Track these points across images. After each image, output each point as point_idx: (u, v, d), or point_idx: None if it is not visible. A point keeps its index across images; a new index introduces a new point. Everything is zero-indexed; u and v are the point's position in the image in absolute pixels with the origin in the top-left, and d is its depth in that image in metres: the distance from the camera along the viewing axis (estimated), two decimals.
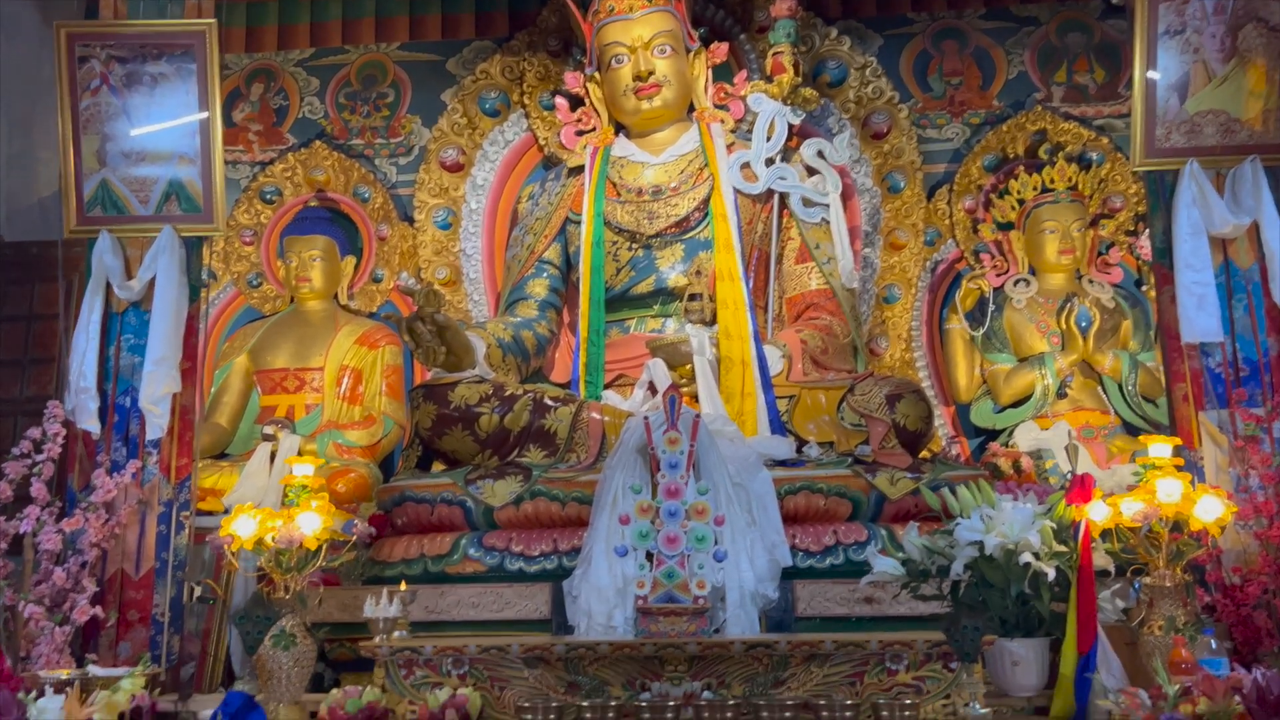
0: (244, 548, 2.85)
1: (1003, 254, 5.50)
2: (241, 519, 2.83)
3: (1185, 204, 3.27)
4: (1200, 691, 2.01)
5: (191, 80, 3.44)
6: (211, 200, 3.46)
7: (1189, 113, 3.30)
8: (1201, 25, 3.23)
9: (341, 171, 5.85)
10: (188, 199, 3.50)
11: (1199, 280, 3.25)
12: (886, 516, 4.02)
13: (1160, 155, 3.36)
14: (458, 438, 4.35)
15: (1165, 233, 3.41)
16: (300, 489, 2.96)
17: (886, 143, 5.57)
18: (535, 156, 5.75)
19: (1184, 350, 3.31)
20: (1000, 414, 5.29)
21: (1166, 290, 3.40)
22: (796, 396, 4.41)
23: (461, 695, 2.52)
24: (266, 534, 2.84)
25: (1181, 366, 3.31)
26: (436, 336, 4.26)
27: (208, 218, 3.49)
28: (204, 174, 3.46)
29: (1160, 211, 3.43)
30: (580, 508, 4.00)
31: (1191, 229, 3.25)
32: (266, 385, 5.52)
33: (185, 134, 3.46)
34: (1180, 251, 3.27)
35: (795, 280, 5.13)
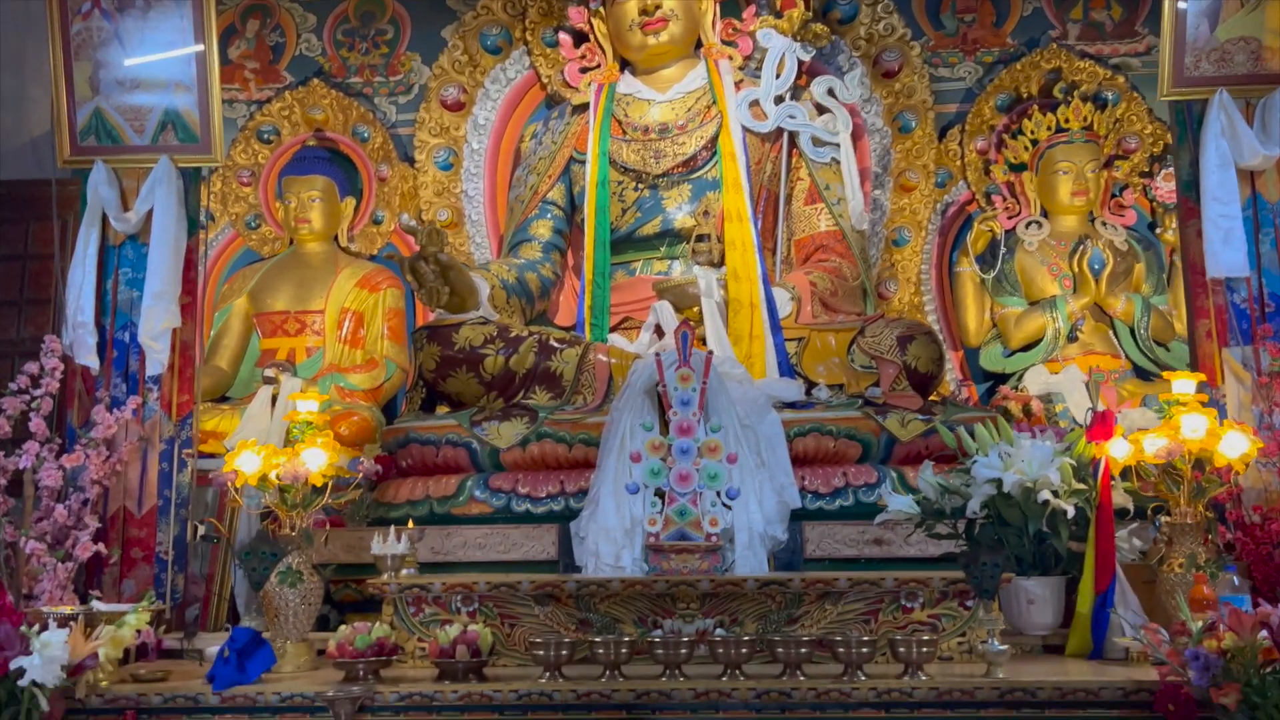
0: (248, 484, 2.80)
1: (1014, 196, 5.41)
2: (245, 454, 2.78)
3: (1214, 135, 3.18)
4: (1227, 626, 1.98)
5: (186, 4, 3.31)
6: (209, 130, 3.35)
7: (1219, 40, 3.18)
8: None
9: (340, 110, 5.73)
10: (184, 128, 3.39)
11: (1226, 214, 3.16)
12: (896, 459, 3.98)
13: (1189, 84, 3.25)
14: (462, 380, 4.29)
15: (1192, 165, 3.31)
16: (305, 425, 2.90)
17: (898, 81, 5.44)
18: (538, 95, 5.63)
19: (1209, 286, 3.23)
20: (1009, 358, 5.23)
21: (1192, 224, 3.32)
22: (806, 339, 4.35)
23: (472, 631, 2.49)
24: (271, 470, 2.79)
25: (1206, 302, 3.24)
26: (440, 277, 4.19)
27: (206, 148, 3.38)
28: (201, 102, 3.35)
29: (1187, 143, 3.33)
30: (587, 449, 3.96)
31: (1220, 160, 3.16)
32: (267, 328, 5.45)
33: (181, 61, 3.33)
34: (1208, 184, 3.18)
35: (804, 222, 5.03)
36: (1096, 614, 2.63)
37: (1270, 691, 1.91)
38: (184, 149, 3.36)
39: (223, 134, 3.35)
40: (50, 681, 2.28)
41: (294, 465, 2.74)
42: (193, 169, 3.47)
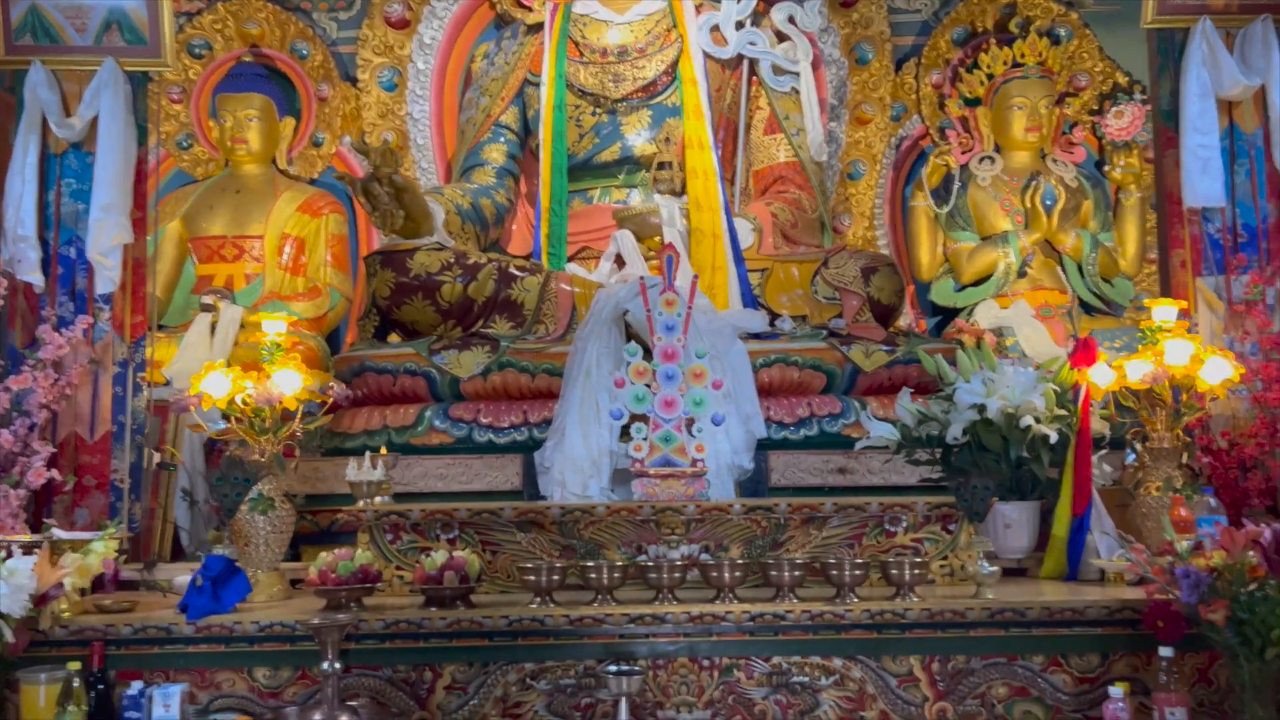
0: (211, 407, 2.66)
1: (968, 131, 5.41)
2: (213, 377, 2.63)
3: (1195, 63, 3.20)
4: (1218, 545, 2.03)
5: None
6: (159, 31, 3.10)
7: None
8: None
9: (277, 25, 5.44)
10: (131, 29, 3.14)
11: (1205, 144, 3.20)
12: (860, 389, 4.00)
13: (1172, 12, 3.26)
14: (418, 307, 4.15)
15: (1172, 94, 3.33)
16: (274, 346, 2.75)
17: (855, 11, 5.38)
18: (487, 14, 5.42)
19: (1185, 215, 3.28)
20: (960, 292, 5.27)
21: (1170, 154, 3.35)
22: (769, 270, 4.31)
23: (460, 557, 2.42)
24: (239, 394, 2.65)
25: (1181, 232, 3.29)
26: (394, 199, 4.03)
27: (155, 51, 3.13)
28: (150, 1, 3.10)
29: (1168, 72, 3.35)
30: (551, 379, 3.89)
31: (1200, 90, 3.18)
32: (202, 253, 5.20)
33: None
34: (1188, 113, 3.21)
35: (763, 152, 4.97)
36: (1073, 537, 2.69)
37: (1258, 607, 1.97)
38: (131, 51, 3.11)
39: (173, 34, 3.11)
40: (16, 611, 2.15)
41: (267, 388, 2.60)
42: (141, 73, 3.23)
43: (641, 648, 2.38)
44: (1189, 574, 2.02)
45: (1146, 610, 2.18)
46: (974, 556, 2.42)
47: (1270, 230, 3.19)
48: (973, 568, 2.42)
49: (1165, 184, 3.39)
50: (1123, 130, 5.23)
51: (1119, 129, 5.25)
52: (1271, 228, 3.19)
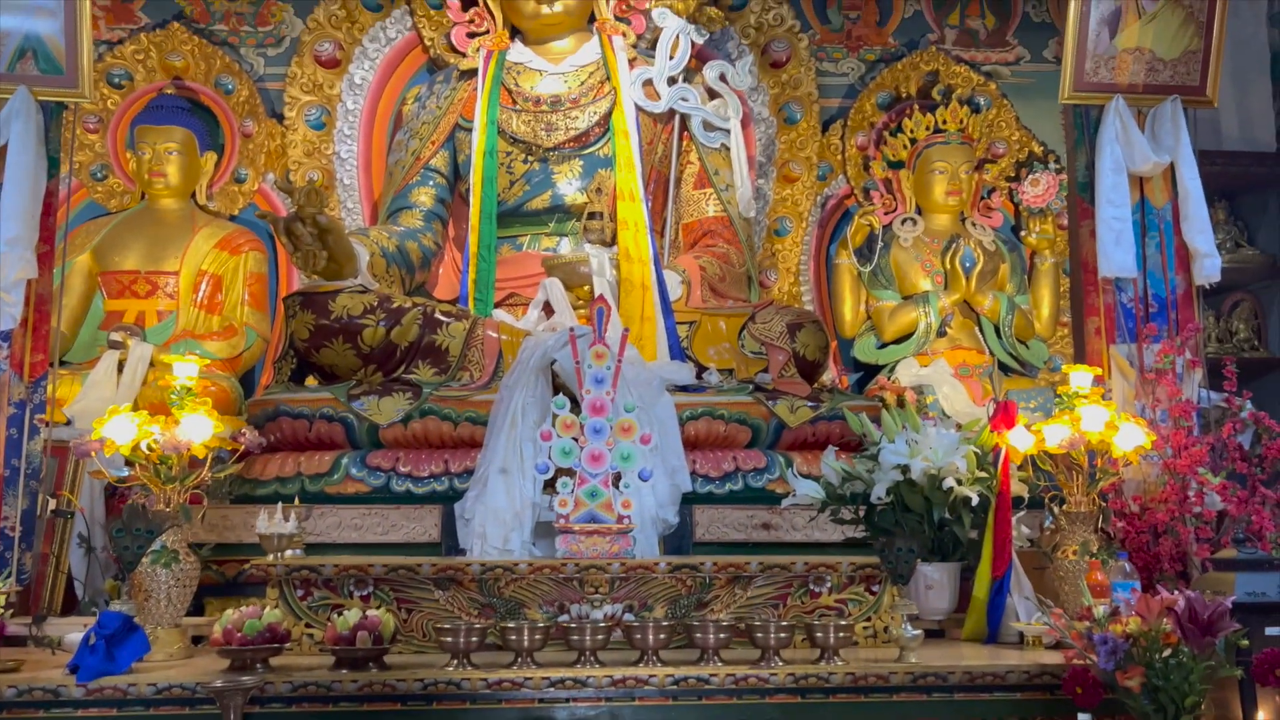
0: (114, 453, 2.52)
1: (891, 192, 5.55)
2: (117, 421, 2.50)
3: (1109, 139, 3.33)
4: (1134, 612, 2.06)
5: None
6: (76, 60, 2.98)
7: (1117, 49, 3.34)
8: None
9: (202, 59, 5.34)
10: (47, 58, 3.01)
11: (1118, 216, 3.32)
12: (785, 444, 4.02)
13: (1088, 89, 3.40)
14: (338, 350, 4.05)
15: (1088, 168, 3.46)
16: (184, 391, 2.64)
17: (785, 72, 5.51)
18: (419, 58, 5.41)
19: (1099, 285, 3.39)
20: (883, 349, 5.37)
21: (1086, 224, 3.47)
22: (697, 322, 4.33)
23: (374, 616, 2.33)
24: (144, 439, 2.52)
25: (1096, 300, 3.40)
26: (317, 240, 3.94)
27: (71, 81, 3.01)
28: (68, 30, 2.97)
29: (1084, 146, 3.48)
30: (474, 428, 3.82)
31: (1114, 165, 3.31)
32: (113, 288, 5.03)
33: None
34: (1102, 187, 3.33)
35: (693, 206, 5.02)
36: (993, 599, 2.72)
37: (1172, 674, 2.00)
38: (45, 80, 2.99)
39: (91, 65, 2.99)
40: None
41: (173, 434, 2.49)
42: (55, 103, 3.10)
43: (562, 712, 2.32)
44: (1106, 640, 2.05)
45: (1065, 676, 2.20)
46: (898, 619, 2.42)
47: (1179, 301, 3.32)
48: (896, 630, 2.41)
49: (1081, 254, 3.51)
50: (1038, 198, 5.42)
51: (1034, 196, 5.44)
52: (1180, 298, 3.33)
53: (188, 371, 2.65)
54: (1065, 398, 2.89)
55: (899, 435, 2.97)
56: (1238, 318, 5.06)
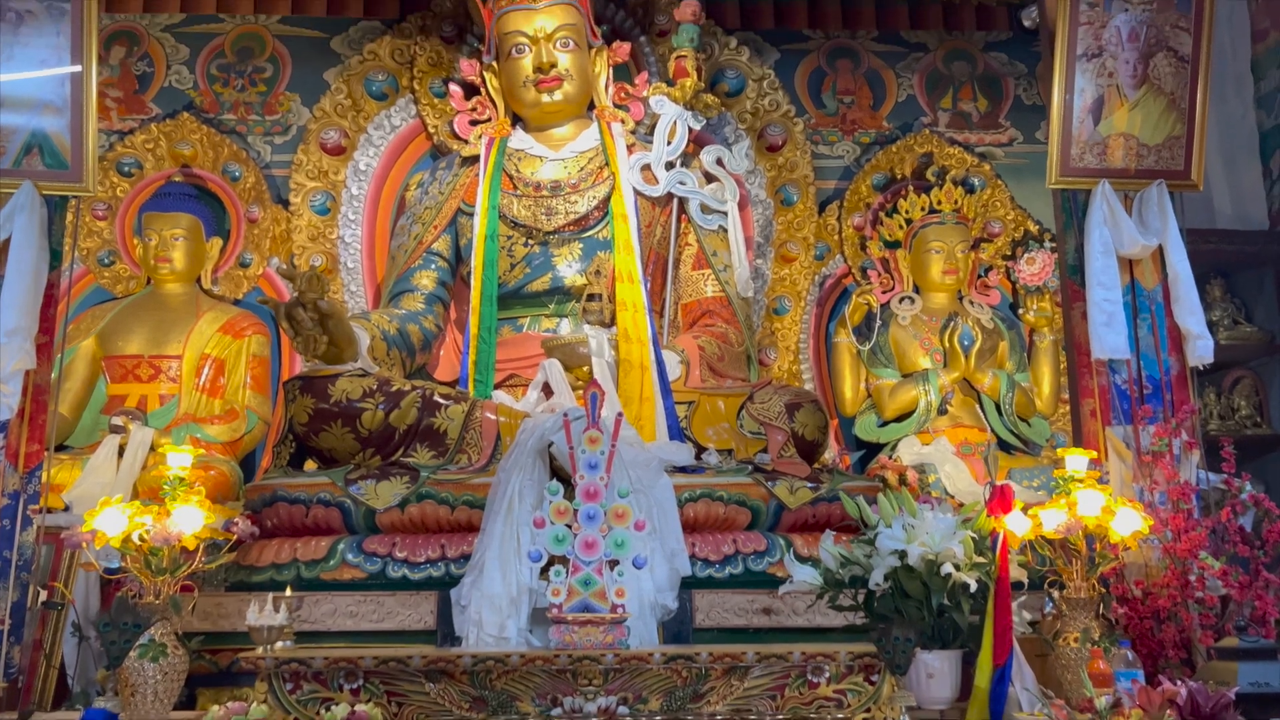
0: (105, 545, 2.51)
1: (889, 272, 5.60)
2: (108, 512, 2.49)
3: (1097, 223, 3.37)
4: (1135, 704, 2.01)
5: (64, 21, 3.02)
6: (81, 156, 3.05)
7: (1102, 135, 3.40)
8: (1116, 50, 3.34)
9: (211, 147, 5.46)
10: (53, 153, 3.08)
11: (1109, 298, 3.34)
12: (784, 526, 3.98)
13: (1074, 174, 3.45)
14: (337, 434, 4.06)
15: (1077, 250, 3.49)
16: (176, 481, 2.64)
17: (781, 155, 5.60)
18: (423, 145, 5.53)
19: (1093, 366, 3.39)
20: (884, 428, 5.36)
21: (1077, 307, 3.49)
22: (696, 403, 4.33)
23: (361, 711, 2.29)
24: (136, 530, 2.51)
25: (1090, 382, 3.39)
26: (318, 325, 3.98)
27: (76, 176, 3.08)
28: (74, 127, 3.05)
29: (1073, 229, 3.52)
30: (471, 512, 3.80)
31: (1103, 248, 3.34)
32: (116, 373, 5.06)
33: (53, 81, 3.03)
34: (1092, 269, 3.36)
35: (691, 286, 5.07)
36: (994, 688, 2.66)
37: None
38: (50, 175, 3.06)
39: (95, 161, 3.07)
40: None
41: (164, 525, 2.48)
42: (59, 197, 3.17)
43: None
44: None
45: None
46: (897, 711, 2.37)
47: (1174, 382, 3.32)
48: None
49: (1074, 335, 3.52)
50: (1034, 276, 5.46)
51: (1031, 274, 5.47)
52: (1174, 380, 3.33)
53: (181, 461, 2.66)
54: (1061, 481, 2.87)
55: (896, 519, 2.95)
56: (1239, 394, 5.05)
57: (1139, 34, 3.31)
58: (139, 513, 2.53)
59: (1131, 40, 3.31)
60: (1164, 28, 3.31)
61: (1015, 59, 6.11)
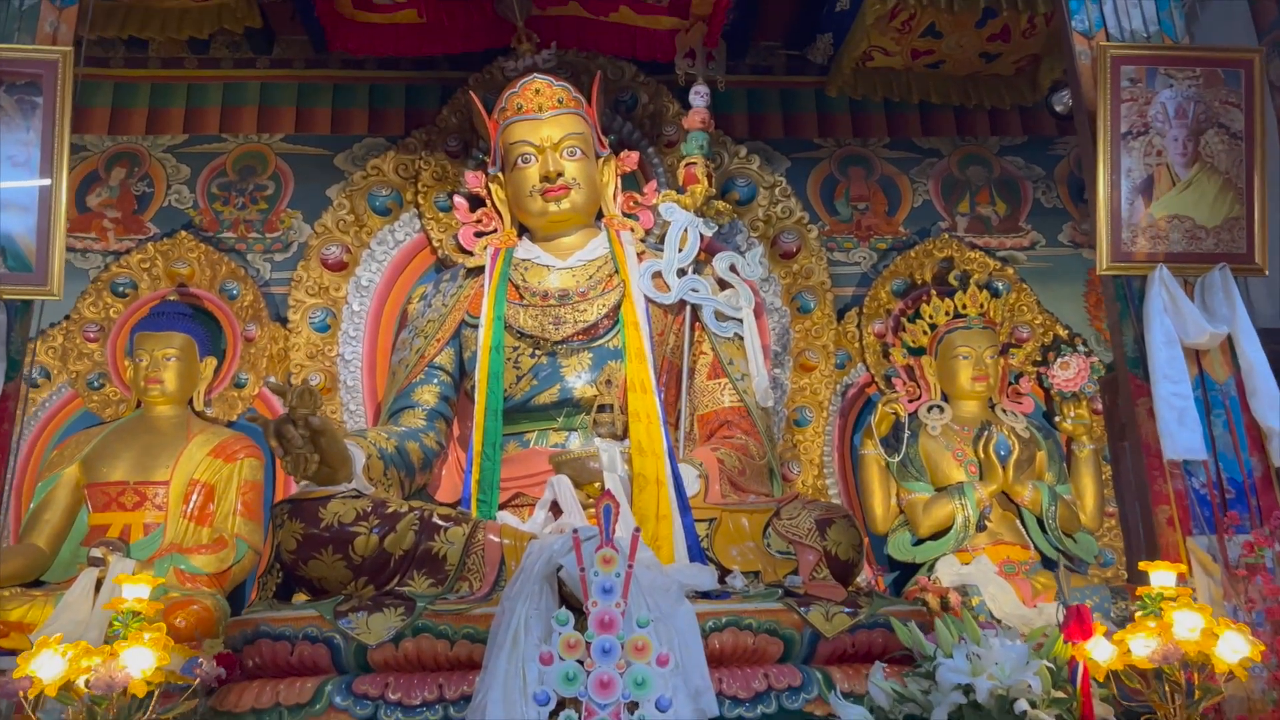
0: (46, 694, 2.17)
1: (914, 379, 5.35)
2: (45, 655, 2.15)
3: (1157, 311, 3.09)
4: None
5: (35, 117, 2.85)
6: (47, 258, 2.82)
7: (1155, 216, 3.17)
8: (1164, 128, 3.14)
9: (208, 266, 5.34)
10: (16, 255, 2.85)
11: (1178, 393, 3.03)
12: (820, 658, 3.57)
13: (1127, 260, 3.20)
14: (328, 562, 3.71)
15: (1136, 341, 3.21)
16: (130, 615, 2.31)
17: (796, 262, 5.44)
18: (427, 260, 5.39)
19: (1166, 469, 3.06)
20: (918, 546, 4.99)
21: (1142, 403, 3.17)
22: (717, 520, 3.98)
23: None
24: (80, 675, 2.17)
25: (1164, 487, 3.05)
26: (310, 442, 3.69)
27: (40, 279, 2.84)
28: (40, 228, 2.85)
29: (1130, 319, 3.25)
30: (472, 647, 3.41)
31: (1165, 338, 3.06)
32: (99, 501, 4.78)
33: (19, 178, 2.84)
34: (1156, 362, 3.06)
35: (708, 396, 4.79)
36: None
37: None
38: (12, 278, 2.83)
39: (62, 264, 2.84)
40: None
41: (109, 669, 2.13)
42: (21, 302, 2.93)
43: None
44: None
45: None
46: None
47: (1258, 485, 2.98)
48: None
49: (1142, 436, 3.20)
50: (1070, 381, 5.19)
51: (1066, 380, 5.21)
52: (1259, 482, 2.99)
53: (137, 593, 2.33)
54: (1148, 600, 2.51)
55: (957, 648, 2.58)
56: None
57: (1186, 110, 3.12)
58: (81, 655, 2.19)
59: (1179, 117, 3.12)
60: (1213, 104, 3.11)
61: (1032, 162, 6.04)
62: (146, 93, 5.76)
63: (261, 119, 5.75)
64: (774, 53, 5.98)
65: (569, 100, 4.92)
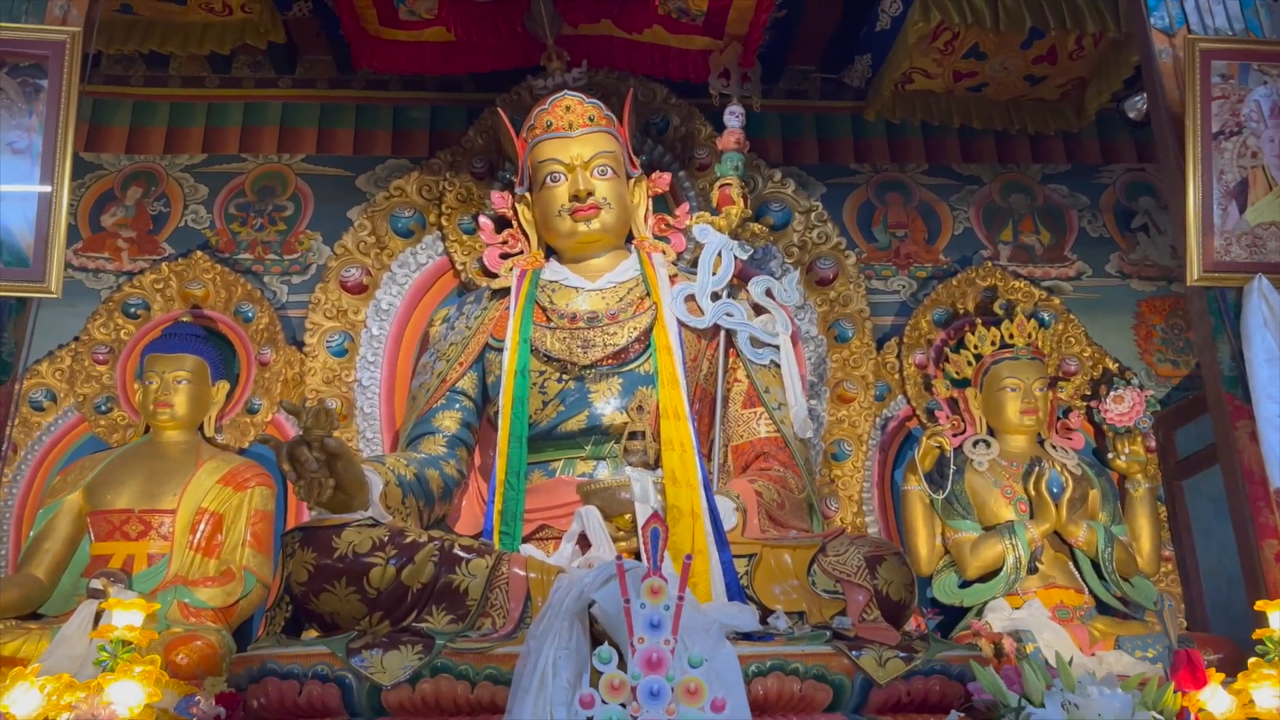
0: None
1: (958, 413, 5.10)
2: (20, 688, 1.90)
3: (1257, 326, 2.84)
4: None
5: (39, 101, 2.65)
6: (46, 252, 2.61)
7: (1250, 223, 2.93)
8: (1259, 128, 2.91)
9: (224, 287, 5.17)
10: (13, 249, 2.64)
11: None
12: (873, 706, 3.28)
13: (1221, 269, 2.95)
14: (341, 595, 3.45)
15: (1234, 359, 2.95)
16: (119, 645, 2.06)
17: (833, 289, 5.23)
18: (449, 283, 5.20)
19: (1272, 499, 2.79)
20: (965, 589, 4.71)
21: (1243, 426, 2.91)
22: (758, 556, 3.70)
23: None
24: (61, 714, 1.92)
25: (1270, 519, 2.78)
26: (325, 466, 3.46)
27: (37, 274, 2.62)
28: (40, 222, 2.64)
29: (1225, 334, 2.99)
30: (495, 689, 3.14)
31: (1267, 355, 2.80)
32: (101, 530, 4.56)
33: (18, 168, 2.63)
34: (1258, 381, 2.80)
35: (743, 426, 4.52)
36: None
37: None
38: (7, 274, 2.60)
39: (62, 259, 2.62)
40: None
41: (92, 706, 1.88)
42: (15, 300, 2.70)
43: None
44: None
45: None
46: None
47: None
48: None
49: (1243, 462, 2.93)
50: (1124, 416, 4.93)
51: (1120, 414, 4.95)
52: None
53: (128, 620, 2.09)
54: (1270, 644, 2.23)
55: (1049, 696, 2.30)
56: None
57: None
58: (64, 689, 1.93)
59: (1275, 116, 2.89)
60: None
61: (1076, 191, 5.85)
62: (166, 112, 5.65)
63: (282, 139, 5.62)
64: (809, 76, 5.83)
65: (600, 118, 4.74)
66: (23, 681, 1.91)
